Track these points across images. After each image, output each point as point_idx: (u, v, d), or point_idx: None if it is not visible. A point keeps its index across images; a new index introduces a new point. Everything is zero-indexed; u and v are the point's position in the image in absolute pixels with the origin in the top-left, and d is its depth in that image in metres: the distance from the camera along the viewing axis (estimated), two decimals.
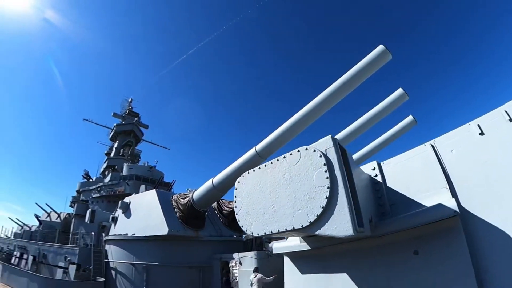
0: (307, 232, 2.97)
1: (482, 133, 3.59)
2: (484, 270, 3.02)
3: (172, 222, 11.54)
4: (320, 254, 4.50)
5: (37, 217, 27.39)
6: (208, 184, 10.96)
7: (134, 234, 12.31)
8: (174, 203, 12.58)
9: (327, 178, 2.85)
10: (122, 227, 13.27)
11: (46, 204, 28.18)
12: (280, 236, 3.58)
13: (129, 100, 43.58)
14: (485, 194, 3.31)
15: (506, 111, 3.42)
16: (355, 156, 9.77)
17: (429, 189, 3.75)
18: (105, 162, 36.13)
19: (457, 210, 3.02)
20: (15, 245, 20.96)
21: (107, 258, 13.52)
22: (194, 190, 12.22)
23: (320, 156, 3.00)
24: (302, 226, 2.91)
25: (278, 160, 3.53)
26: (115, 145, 37.93)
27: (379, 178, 4.34)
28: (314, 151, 3.09)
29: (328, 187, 2.81)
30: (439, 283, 3.13)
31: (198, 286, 11.08)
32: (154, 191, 13.33)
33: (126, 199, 14.28)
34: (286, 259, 5.10)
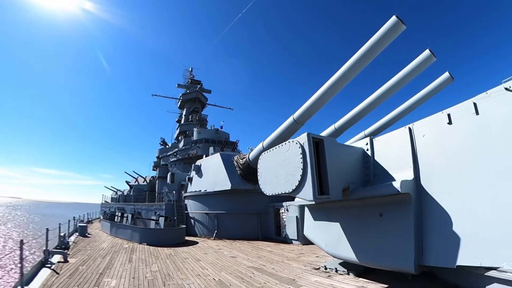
0: (292, 195, 4.62)
1: (450, 123, 4.12)
2: (424, 233, 4.21)
3: (234, 179, 14.09)
4: (324, 208, 6.16)
5: (127, 182, 32.10)
6: (259, 146, 12.91)
7: (206, 190, 15.36)
8: (235, 163, 14.89)
9: (301, 162, 4.37)
10: (196, 185, 16.46)
11: (133, 171, 32.79)
12: (281, 195, 5.20)
13: (190, 70, 46.80)
14: (440, 178, 4.14)
15: (474, 103, 3.80)
16: (389, 116, 10.32)
17: (401, 167, 4.81)
18: (177, 129, 40.79)
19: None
20: (115, 207, 26.06)
21: (187, 210, 17.08)
22: (252, 148, 14.42)
23: (299, 147, 4.48)
24: (289, 191, 4.58)
25: (279, 146, 5.10)
26: (184, 113, 42.15)
27: (369, 153, 5.53)
28: (297, 143, 4.56)
29: (301, 169, 4.34)
30: (390, 236, 4.52)
31: (257, 229, 13.74)
32: (218, 154, 15.87)
33: (198, 162, 17.30)
34: (306, 209, 6.91)
